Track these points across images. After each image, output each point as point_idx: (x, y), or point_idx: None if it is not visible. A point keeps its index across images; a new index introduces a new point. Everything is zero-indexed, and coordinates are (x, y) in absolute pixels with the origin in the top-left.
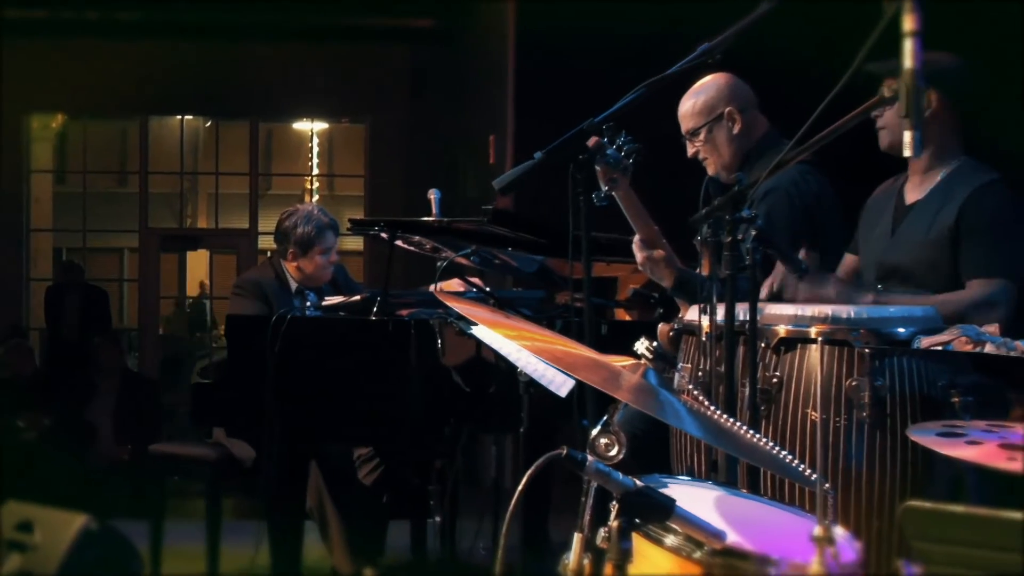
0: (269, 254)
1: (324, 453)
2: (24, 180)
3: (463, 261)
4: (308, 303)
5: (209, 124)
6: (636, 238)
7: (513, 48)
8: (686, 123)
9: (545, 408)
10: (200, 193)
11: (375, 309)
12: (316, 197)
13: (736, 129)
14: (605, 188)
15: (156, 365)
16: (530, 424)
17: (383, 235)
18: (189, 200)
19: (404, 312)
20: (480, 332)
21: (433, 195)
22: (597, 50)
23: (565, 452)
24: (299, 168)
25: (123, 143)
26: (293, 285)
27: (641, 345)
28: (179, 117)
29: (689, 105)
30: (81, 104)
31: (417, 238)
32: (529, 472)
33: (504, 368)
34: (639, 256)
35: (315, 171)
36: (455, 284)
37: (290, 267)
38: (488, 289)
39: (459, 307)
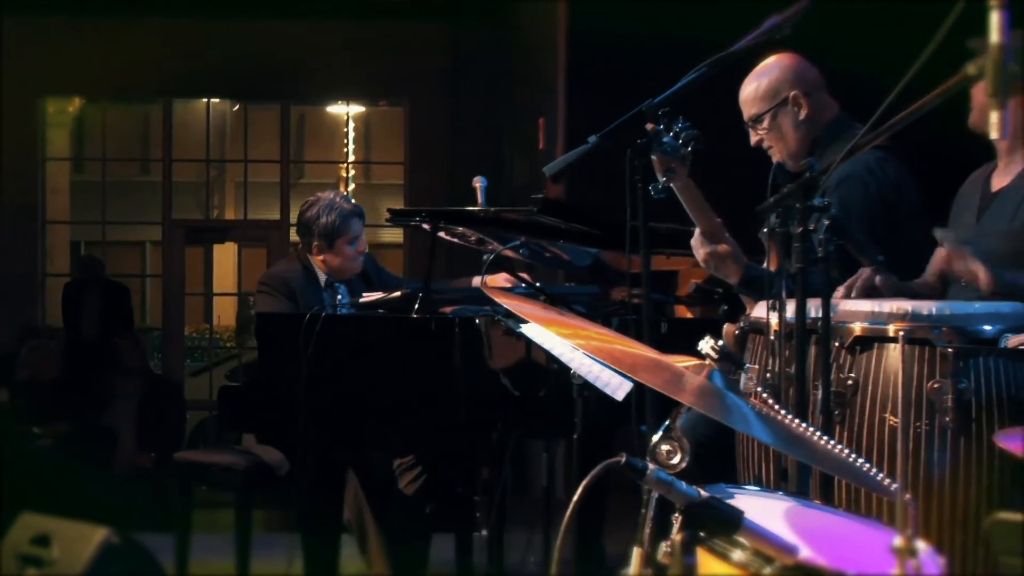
0: (295, 247)
1: (362, 461)
2: (39, 168)
3: (511, 254)
4: (339, 297)
5: (237, 108)
6: (697, 233)
7: (564, 24)
8: (748, 109)
9: (600, 412)
10: (228, 182)
11: (416, 306)
12: (352, 186)
13: (803, 114)
14: (662, 179)
15: (181, 367)
16: (584, 429)
17: (424, 226)
18: (216, 190)
19: (447, 309)
20: (530, 331)
21: (478, 183)
22: (656, 24)
23: (624, 459)
24: (334, 155)
25: (145, 128)
26: (322, 278)
27: (705, 344)
28: (205, 100)
29: (751, 89)
30: (100, 87)
31: (461, 229)
32: (585, 481)
33: (556, 369)
34: (701, 252)
35: (351, 158)
36: (502, 279)
37: (317, 260)
38: (538, 284)
39: (508, 303)
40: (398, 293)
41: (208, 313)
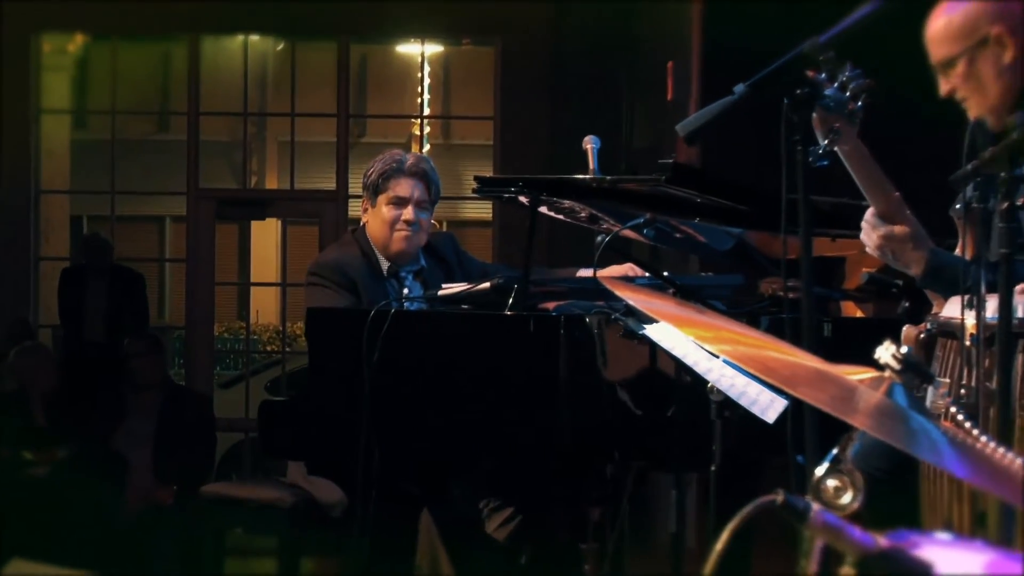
0: (353, 228)
1: (440, 497)
2: (32, 125)
3: (632, 235)
4: (406, 289)
5: (282, 47)
6: (869, 212)
7: None
8: (938, 50)
9: (746, 438)
10: (269, 141)
11: (510, 301)
12: (427, 147)
13: (1008, 57)
14: (824, 142)
15: (210, 376)
16: (724, 460)
17: (521, 199)
18: (254, 151)
19: (550, 305)
20: (656, 333)
21: (590, 144)
22: None
23: (782, 498)
24: (404, 107)
25: (165, 73)
26: (384, 265)
27: (885, 352)
28: (241, 37)
29: (941, 25)
30: (108, 20)
31: (568, 203)
32: (731, 526)
33: (689, 383)
34: (874, 236)
35: (426, 111)
36: (624, 268)
37: (371, 231)
38: (666, 274)
39: (628, 297)
40: (486, 284)
41: (244, 308)
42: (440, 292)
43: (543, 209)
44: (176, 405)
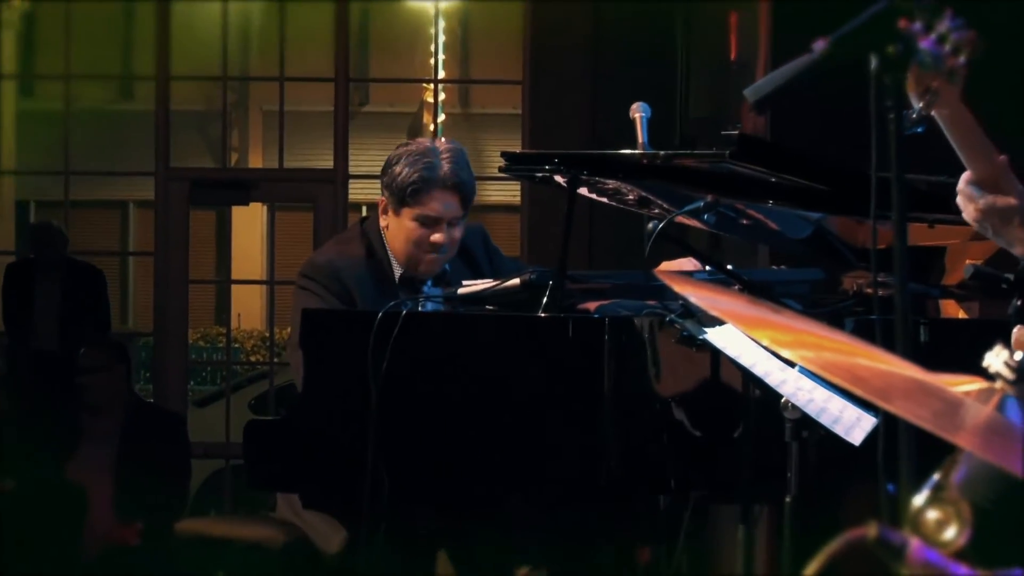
0: (363, 218)
1: (461, 533)
2: None
3: (690, 221)
4: (422, 296)
5: None
6: (965, 178)
7: None
8: None
9: (826, 463)
10: (253, 111)
11: (544, 300)
12: (442, 117)
13: None
14: (919, 105)
15: (183, 391)
16: (801, 489)
17: (558, 179)
18: (236, 123)
19: (591, 305)
20: (720, 338)
21: (639, 113)
22: None
23: (875, 532)
24: (414, 70)
25: (128, 29)
26: (398, 272)
27: (995, 358)
28: None
29: None
30: None
31: (614, 184)
32: (814, 566)
33: (758, 398)
34: (972, 208)
35: (439, 74)
36: (680, 262)
37: (391, 237)
38: (731, 267)
39: (687, 294)
40: (516, 280)
41: (223, 311)
42: (460, 290)
43: (583, 191)
44: (143, 427)
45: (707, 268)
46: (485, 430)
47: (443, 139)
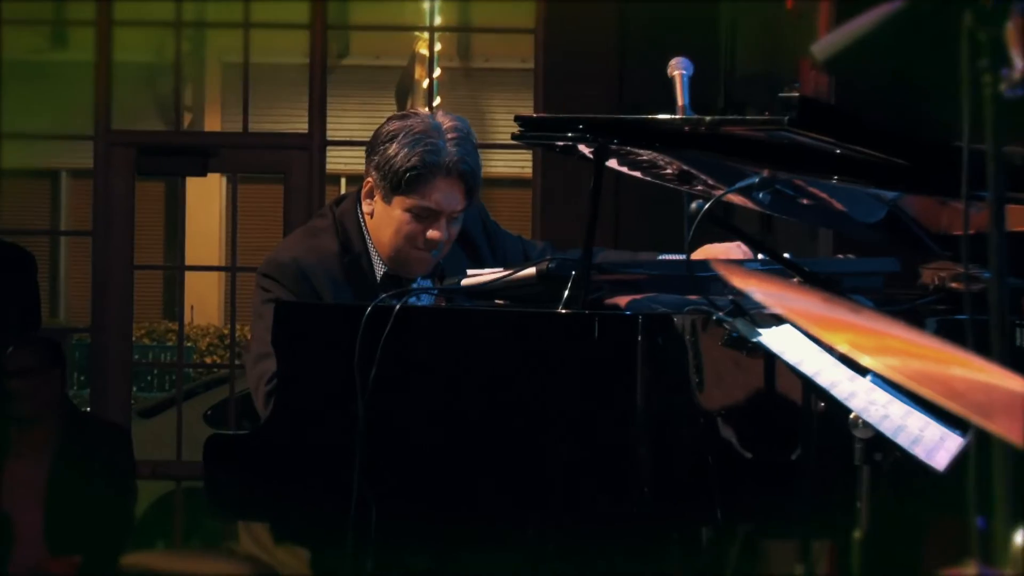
0: (335, 200)
1: (460, 569)
2: None
3: (740, 200)
4: (413, 298)
5: None
6: None
7: None
8: None
9: (904, 491)
10: (211, 64)
11: (566, 293)
12: (437, 71)
13: None
14: (1021, 64)
15: (126, 398)
16: (873, 522)
17: (582, 149)
18: (190, 76)
19: (622, 300)
20: (776, 340)
21: (679, 70)
22: None
23: (975, 571)
24: (404, 15)
25: None
26: (380, 270)
27: None
28: None
29: None
30: None
31: (649, 155)
32: None
33: (822, 412)
34: None
35: (436, 20)
36: (726, 248)
37: (369, 221)
38: (788, 256)
39: (738, 284)
40: (531, 269)
41: (174, 303)
42: (464, 281)
43: (612, 163)
44: (78, 441)
45: (760, 256)
46: (492, 449)
47: (444, 112)
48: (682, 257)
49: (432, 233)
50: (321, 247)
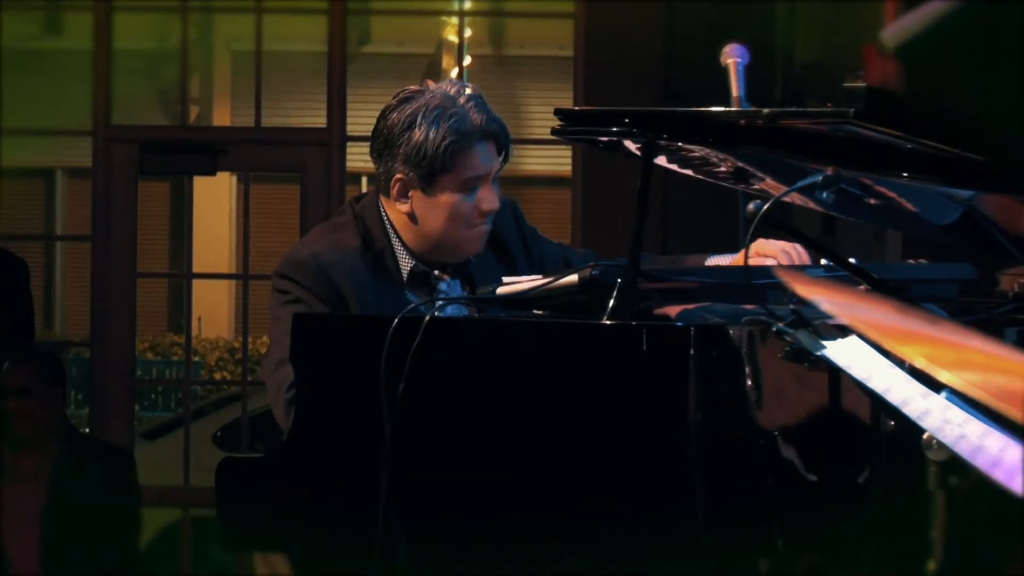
0: (359, 197)
1: None
2: None
3: (801, 200)
4: (441, 294)
5: None
6: None
7: None
8: None
9: (983, 519)
10: (219, 52)
11: (612, 303)
12: (467, 60)
13: None
14: None
15: (128, 418)
16: (951, 553)
17: (628, 145)
18: (198, 67)
19: (673, 310)
20: (842, 353)
21: (734, 58)
22: None
23: None
24: None
25: None
26: (406, 266)
27: None
28: None
29: None
30: None
31: (700, 151)
32: None
33: (892, 431)
34: None
35: (465, 3)
36: (781, 249)
37: (396, 216)
38: (854, 261)
39: (800, 291)
40: (574, 277)
41: (181, 314)
42: (500, 289)
43: (661, 160)
44: (77, 466)
45: (823, 262)
46: (531, 472)
47: (436, 83)
48: (733, 257)
49: (487, 202)
50: (341, 243)
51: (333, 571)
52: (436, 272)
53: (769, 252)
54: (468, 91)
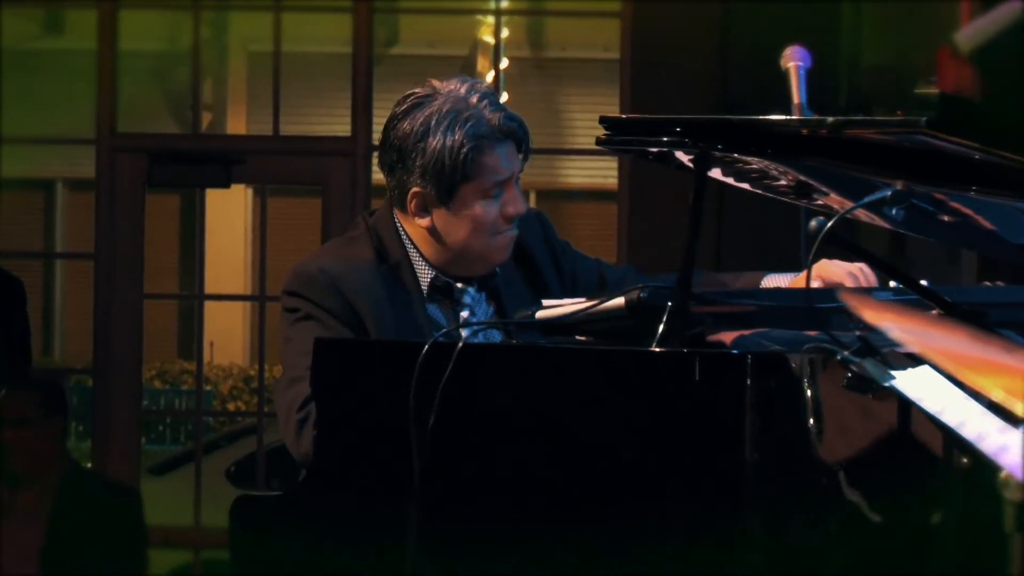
0: (372, 210)
1: None
2: None
3: (868, 217)
4: (464, 312)
5: None
6: None
7: None
8: None
9: None
10: (234, 54)
11: (661, 328)
12: (504, 63)
13: None
14: None
15: (134, 450)
16: None
17: (680, 156)
18: (211, 71)
19: (727, 337)
20: (912, 383)
21: (795, 61)
22: None
23: None
24: None
25: None
26: (426, 278)
27: None
28: None
29: None
30: None
31: (759, 163)
32: None
33: (966, 468)
34: None
35: (502, 1)
36: (845, 271)
37: (414, 229)
38: (925, 283)
39: (867, 317)
40: (619, 300)
41: (191, 339)
42: (540, 313)
43: (715, 173)
44: (79, 503)
45: (892, 284)
46: (574, 511)
47: (441, 81)
48: (794, 278)
49: (512, 206)
50: (353, 255)
51: None
52: (459, 284)
53: (834, 274)
54: (479, 89)
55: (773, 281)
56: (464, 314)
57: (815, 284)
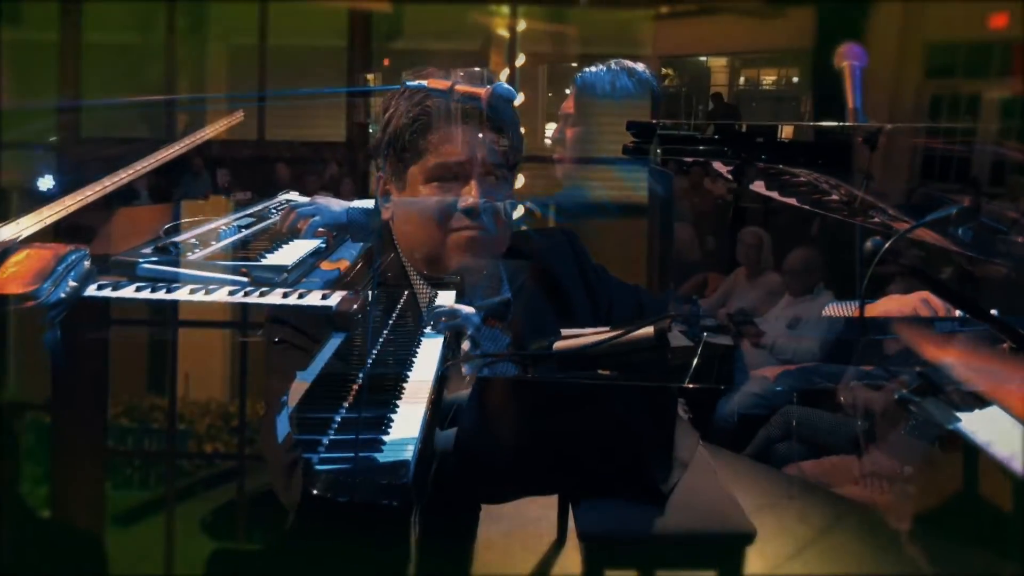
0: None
1: None
2: None
3: (932, 237)
4: (465, 343)
5: None
6: None
7: None
8: None
9: None
10: (214, 46)
11: (696, 360)
12: (521, 60)
13: None
14: None
15: (98, 496)
16: None
17: (718, 167)
18: (189, 65)
19: (772, 372)
20: (980, 425)
21: (850, 60)
22: None
23: None
24: None
25: None
26: (424, 294)
27: None
28: None
29: None
30: None
31: (807, 175)
32: None
33: None
34: None
35: None
36: (908, 301)
37: (401, 233)
38: (995, 313)
39: (934, 357)
40: (648, 330)
41: (163, 371)
42: (558, 344)
43: (759, 186)
44: (34, 556)
45: (957, 313)
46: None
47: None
48: (856, 306)
49: (465, 199)
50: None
51: None
52: (464, 302)
53: (900, 306)
54: (469, 70)
55: (833, 312)
56: (465, 345)
57: (882, 310)
